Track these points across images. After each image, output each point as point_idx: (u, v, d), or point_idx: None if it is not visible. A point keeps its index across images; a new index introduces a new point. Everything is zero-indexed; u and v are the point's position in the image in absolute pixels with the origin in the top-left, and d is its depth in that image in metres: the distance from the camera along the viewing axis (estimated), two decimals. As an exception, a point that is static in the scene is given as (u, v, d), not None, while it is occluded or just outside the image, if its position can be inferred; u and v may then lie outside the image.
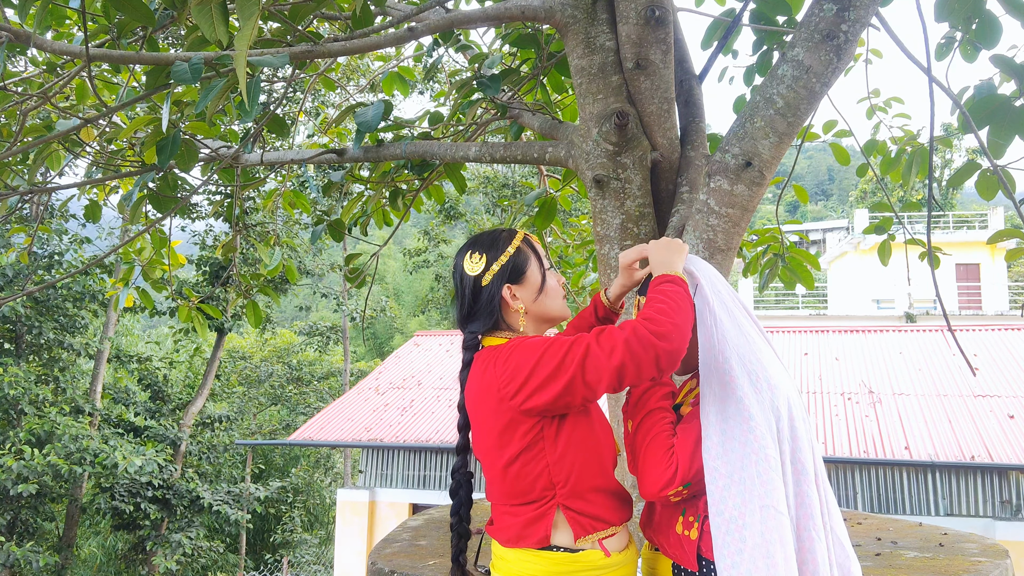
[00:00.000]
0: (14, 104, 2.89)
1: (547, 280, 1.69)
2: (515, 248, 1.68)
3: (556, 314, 1.71)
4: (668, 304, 1.50)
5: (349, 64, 13.01)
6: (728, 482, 1.50)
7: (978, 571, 2.71)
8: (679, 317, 1.48)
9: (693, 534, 1.59)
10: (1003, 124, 2.35)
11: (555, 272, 1.74)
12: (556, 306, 1.71)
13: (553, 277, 1.72)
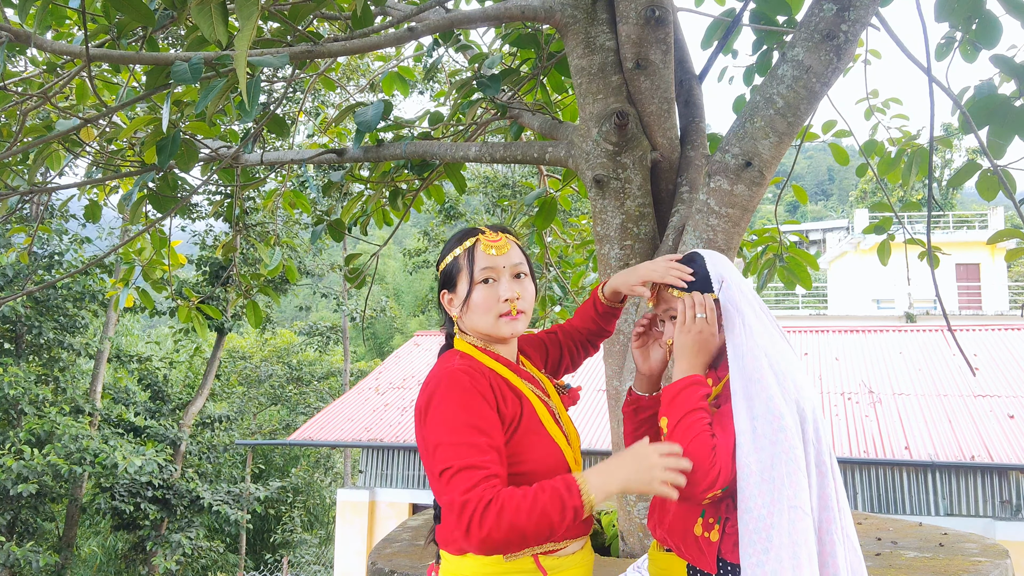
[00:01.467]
0: (14, 104, 2.89)
1: (473, 295, 1.59)
2: (453, 256, 1.64)
3: (483, 332, 1.61)
4: (546, 514, 1.35)
5: (349, 64, 13.01)
6: (759, 480, 1.48)
7: (978, 571, 2.71)
8: (539, 526, 1.35)
9: (714, 536, 1.57)
10: (1003, 124, 2.35)
11: (493, 289, 1.59)
12: (483, 324, 1.59)
13: (484, 294, 1.59)
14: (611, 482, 1.40)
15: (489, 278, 1.60)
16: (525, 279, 1.65)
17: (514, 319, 1.60)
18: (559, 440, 1.60)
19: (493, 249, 1.61)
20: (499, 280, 1.60)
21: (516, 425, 1.54)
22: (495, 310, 1.59)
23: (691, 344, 1.62)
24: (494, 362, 1.62)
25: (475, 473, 1.38)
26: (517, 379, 1.63)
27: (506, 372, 1.62)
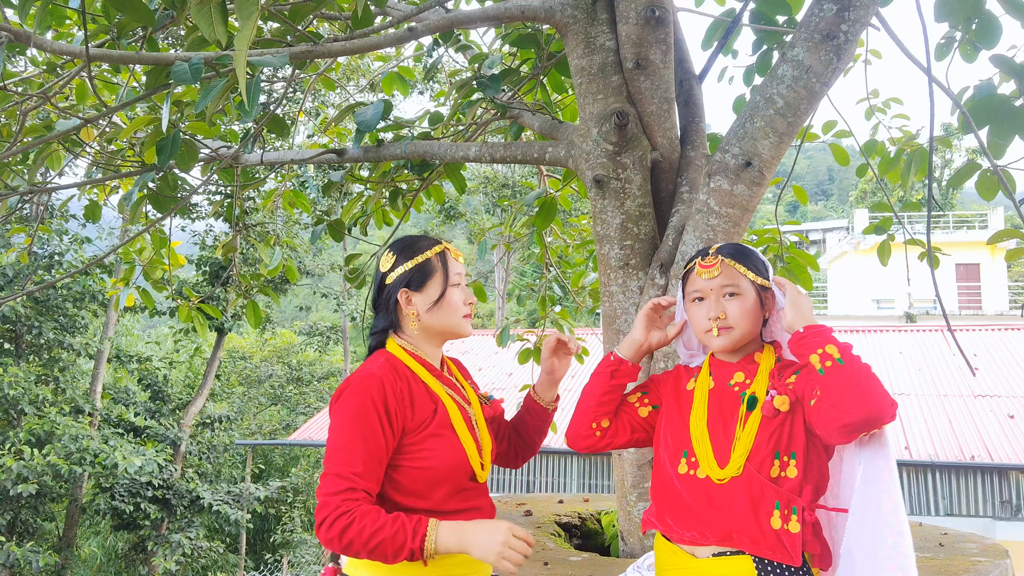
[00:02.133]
0: (14, 104, 2.89)
1: (447, 296, 1.76)
2: (425, 258, 1.76)
3: (448, 329, 1.78)
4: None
5: (349, 64, 13.00)
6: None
7: (978, 571, 2.71)
8: (379, 543, 1.51)
9: (794, 527, 1.55)
10: (1003, 124, 2.35)
11: (464, 291, 1.80)
12: (450, 322, 1.77)
13: (458, 295, 1.78)
14: (460, 541, 1.52)
15: (459, 283, 1.80)
16: None
17: (471, 320, 1.84)
18: (467, 444, 1.72)
19: (460, 259, 1.83)
20: (462, 286, 1.81)
21: (426, 425, 1.68)
22: (462, 310, 1.79)
23: (808, 306, 1.68)
24: (417, 365, 1.76)
25: (342, 482, 1.55)
26: (436, 383, 1.75)
27: (426, 376, 1.75)
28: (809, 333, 1.59)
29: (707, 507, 1.62)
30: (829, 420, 1.52)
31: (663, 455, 1.75)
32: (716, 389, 1.74)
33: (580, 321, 4.96)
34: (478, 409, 1.84)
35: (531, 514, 3.67)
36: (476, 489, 1.77)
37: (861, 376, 1.50)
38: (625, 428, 1.84)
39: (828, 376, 1.52)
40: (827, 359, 1.53)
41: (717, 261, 1.74)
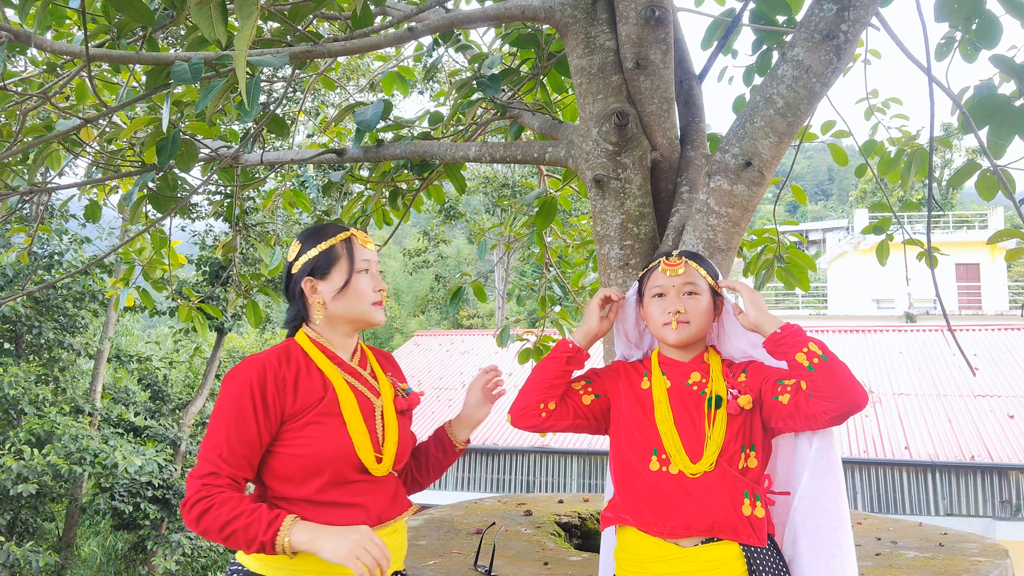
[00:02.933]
0: (14, 104, 2.89)
1: (352, 283, 1.74)
2: (329, 245, 1.75)
3: (357, 317, 1.75)
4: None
5: (349, 64, 13.00)
6: None
7: (978, 571, 2.71)
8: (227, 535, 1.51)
9: (760, 512, 1.73)
10: (1003, 124, 2.35)
11: (374, 279, 1.78)
12: (357, 309, 1.75)
13: (365, 281, 1.76)
14: (312, 540, 1.50)
15: (367, 269, 1.77)
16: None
17: (382, 307, 1.80)
18: (357, 434, 1.67)
19: (369, 245, 1.81)
20: (372, 272, 1.78)
21: (307, 412, 1.64)
22: (371, 298, 1.76)
23: (763, 304, 1.83)
24: (317, 352, 1.73)
25: (207, 466, 1.55)
26: (333, 370, 1.72)
27: (324, 363, 1.72)
28: (788, 333, 1.73)
29: (686, 500, 1.73)
30: (820, 412, 1.68)
31: (628, 453, 1.84)
32: (675, 388, 1.86)
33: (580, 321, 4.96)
34: (388, 401, 1.78)
35: (531, 514, 3.67)
36: (367, 484, 1.70)
37: (844, 370, 1.68)
38: (568, 413, 1.92)
39: (818, 372, 1.67)
40: (813, 356, 1.68)
41: (681, 261, 1.89)
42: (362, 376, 1.78)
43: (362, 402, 1.72)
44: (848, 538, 1.75)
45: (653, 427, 1.81)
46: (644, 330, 2.05)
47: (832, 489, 1.77)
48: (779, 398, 1.75)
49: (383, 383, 1.81)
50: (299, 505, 1.63)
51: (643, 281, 1.96)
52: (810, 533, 1.76)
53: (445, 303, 26.94)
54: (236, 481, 1.58)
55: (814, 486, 1.77)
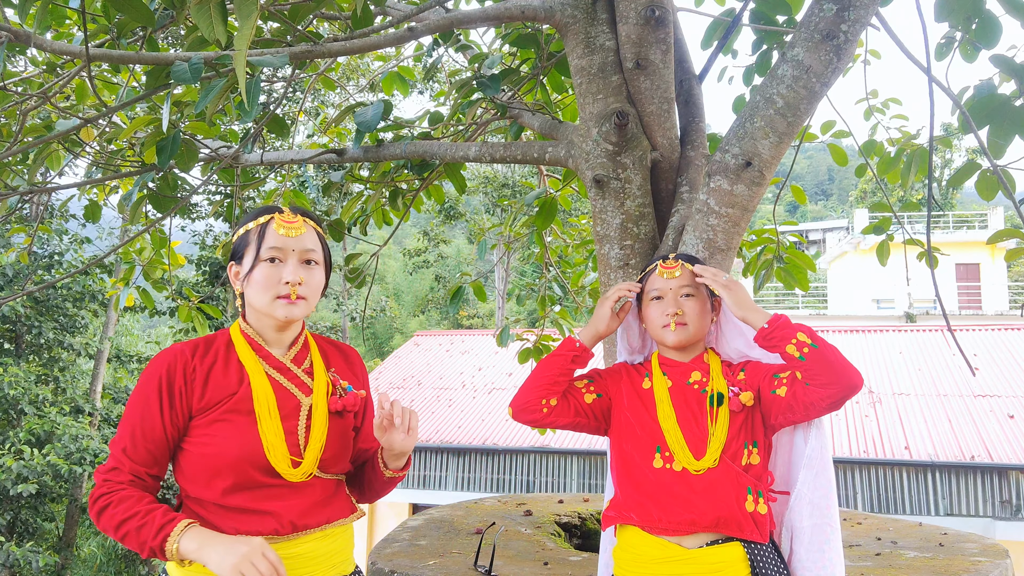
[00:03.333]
0: (14, 104, 2.89)
1: (254, 272, 1.60)
2: (245, 230, 1.66)
3: (257, 308, 1.62)
4: None
5: (349, 64, 13.00)
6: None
7: (978, 571, 2.71)
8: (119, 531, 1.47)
9: (762, 508, 1.75)
10: (1003, 124, 2.35)
11: (285, 269, 1.60)
12: (258, 301, 1.60)
13: (266, 271, 1.59)
14: (200, 549, 1.41)
15: (275, 258, 1.60)
16: (315, 267, 1.65)
17: (292, 303, 1.59)
18: (269, 435, 1.54)
19: (284, 229, 1.61)
20: (285, 262, 1.61)
21: (215, 407, 1.55)
22: (274, 290, 1.59)
23: (747, 295, 1.83)
24: (243, 344, 1.62)
25: (111, 461, 1.52)
26: (255, 364, 1.60)
27: (246, 356, 1.61)
28: (775, 327, 1.75)
29: (691, 496, 1.75)
30: (818, 399, 1.70)
31: (630, 451, 1.86)
32: (676, 387, 1.88)
33: (580, 321, 4.96)
34: (321, 400, 1.63)
35: (531, 514, 3.67)
36: (281, 489, 1.55)
37: (835, 353, 1.70)
38: (569, 410, 1.93)
39: (809, 361, 1.69)
40: (803, 346, 1.70)
41: (678, 264, 1.93)
42: (291, 372, 1.64)
43: (284, 400, 1.59)
44: (837, 534, 1.79)
45: (656, 425, 1.83)
46: (646, 335, 2.07)
47: (825, 488, 1.80)
48: (777, 391, 1.77)
49: (319, 381, 1.66)
50: (210, 509, 1.53)
51: (643, 285, 2.00)
52: (807, 531, 1.78)
53: (445, 303, 26.95)
54: (139, 478, 1.50)
55: (809, 484, 1.80)
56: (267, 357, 1.64)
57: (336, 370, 1.73)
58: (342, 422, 1.68)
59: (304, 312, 1.63)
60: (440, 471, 13.49)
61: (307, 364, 1.68)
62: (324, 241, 1.73)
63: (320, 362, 1.70)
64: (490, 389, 14.77)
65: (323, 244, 1.72)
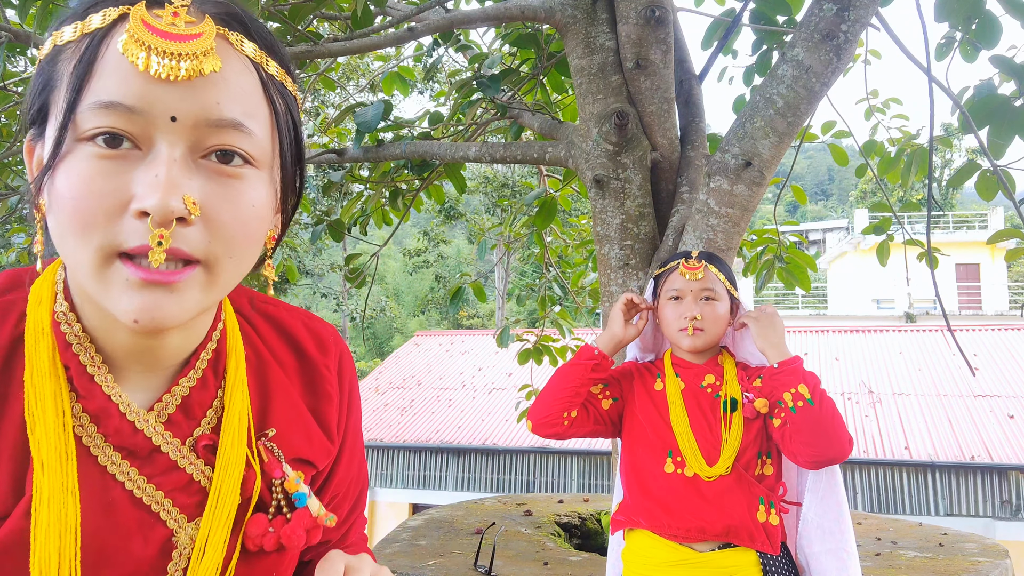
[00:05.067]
0: (14, 104, 2.89)
1: (63, 170, 0.60)
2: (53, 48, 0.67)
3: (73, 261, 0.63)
4: None
5: (349, 64, 13.00)
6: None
7: (978, 571, 2.71)
8: None
9: (774, 520, 1.70)
10: (1003, 124, 2.35)
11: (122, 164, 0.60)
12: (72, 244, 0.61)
13: (89, 167, 0.60)
14: None
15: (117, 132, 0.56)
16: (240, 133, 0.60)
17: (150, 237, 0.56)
18: None
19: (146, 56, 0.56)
20: (154, 142, 0.57)
21: None
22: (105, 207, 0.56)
23: (778, 331, 1.75)
24: (46, 366, 0.62)
25: None
26: (54, 437, 0.60)
27: (44, 400, 0.61)
28: (783, 370, 1.69)
29: (702, 503, 1.70)
30: (798, 453, 1.66)
31: (641, 455, 1.80)
32: (689, 390, 1.81)
33: (580, 321, 4.96)
34: (219, 533, 0.66)
35: (531, 514, 3.67)
36: None
37: (829, 419, 1.62)
38: (589, 419, 1.87)
39: (800, 416, 1.63)
40: (799, 399, 1.64)
41: (701, 265, 1.82)
42: (156, 458, 0.66)
43: (121, 540, 0.63)
44: (853, 558, 1.72)
45: (668, 429, 1.77)
46: (658, 333, 2.00)
47: (835, 511, 1.74)
48: (774, 419, 1.72)
49: (228, 473, 0.67)
50: None
51: (659, 281, 1.91)
52: (820, 558, 1.72)
53: (445, 303, 26.95)
54: None
55: (815, 509, 1.75)
56: (100, 412, 0.64)
57: (284, 423, 0.74)
58: (260, 566, 0.70)
59: (218, 288, 0.62)
60: (440, 471, 13.49)
61: (210, 421, 0.69)
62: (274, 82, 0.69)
63: (240, 413, 0.69)
64: (490, 389, 14.77)
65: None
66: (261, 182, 0.63)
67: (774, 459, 1.76)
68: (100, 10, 0.58)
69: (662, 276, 1.90)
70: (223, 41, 0.60)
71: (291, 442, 0.73)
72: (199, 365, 0.69)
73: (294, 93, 0.68)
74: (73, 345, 0.64)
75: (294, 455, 0.73)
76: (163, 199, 0.55)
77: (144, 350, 0.65)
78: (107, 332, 0.64)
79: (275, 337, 0.78)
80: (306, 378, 0.78)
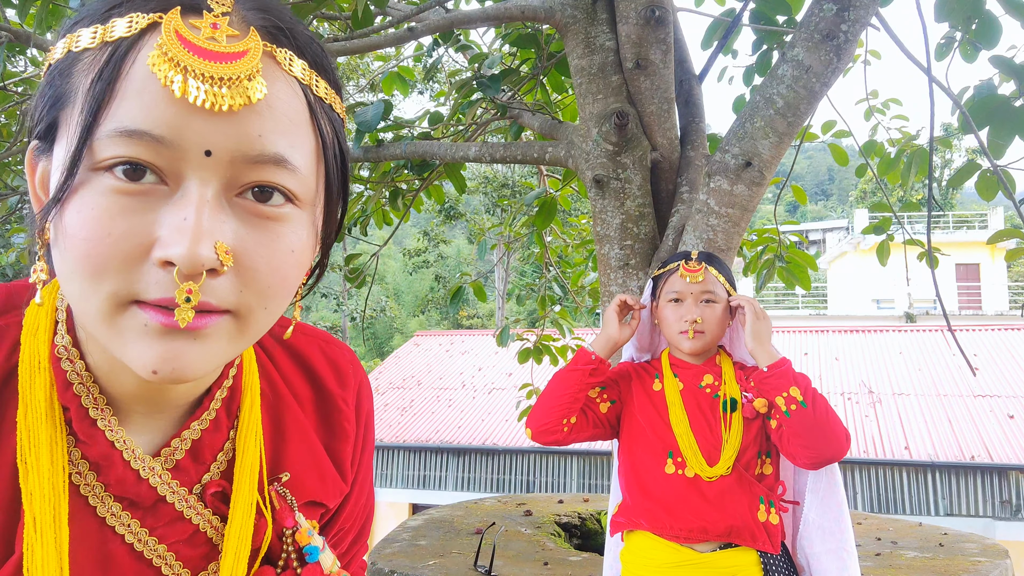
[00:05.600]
0: (14, 104, 2.89)
1: (74, 208, 0.55)
2: (66, 53, 0.63)
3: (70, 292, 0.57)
4: None
5: (349, 64, 13.00)
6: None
7: (978, 571, 2.71)
8: None
9: (774, 519, 1.71)
10: (1003, 124, 2.35)
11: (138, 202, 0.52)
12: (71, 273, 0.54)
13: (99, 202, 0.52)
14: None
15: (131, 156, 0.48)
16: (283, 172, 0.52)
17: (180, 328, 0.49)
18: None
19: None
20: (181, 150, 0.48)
21: None
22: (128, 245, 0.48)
23: (769, 331, 1.75)
24: (42, 407, 0.55)
25: None
26: (53, 487, 0.53)
27: (40, 447, 0.54)
28: (773, 374, 1.69)
29: (703, 504, 1.69)
30: (797, 455, 1.67)
31: (641, 455, 1.79)
32: (688, 391, 1.80)
33: (580, 321, 4.97)
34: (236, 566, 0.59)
35: (531, 514, 3.67)
36: None
37: (823, 419, 1.63)
38: (588, 425, 1.85)
39: (794, 419, 1.64)
40: (791, 402, 1.64)
41: (701, 267, 1.80)
42: (161, 509, 0.59)
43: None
44: (853, 558, 1.72)
45: (668, 430, 1.77)
46: (655, 334, 1.99)
47: (835, 511, 1.74)
48: (771, 420, 1.72)
49: (238, 523, 0.61)
50: None
51: (658, 282, 1.90)
52: (821, 558, 1.73)
53: (445, 303, 26.96)
54: None
55: (816, 510, 1.75)
56: (102, 459, 0.57)
57: (298, 465, 0.68)
58: None
59: (253, 330, 0.55)
60: (440, 471, 13.49)
61: (219, 465, 0.63)
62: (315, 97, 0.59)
63: (252, 460, 0.64)
64: (490, 389, 14.77)
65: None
66: (302, 223, 0.54)
67: (773, 458, 1.77)
68: (126, 14, 0.49)
69: (661, 277, 1.88)
70: (270, 60, 0.51)
71: (304, 485, 0.67)
72: (212, 406, 0.62)
73: (342, 115, 0.58)
74: (75, 385, 0.56)
75: (307, 498, 0.67)
76: (192, 248, 0.47)
77: (154, 393, 0.58)
78: (112, 373, 0.57)
79: (292, 367, 0.72)
80: (322, 413, 0.72)
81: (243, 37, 0.50)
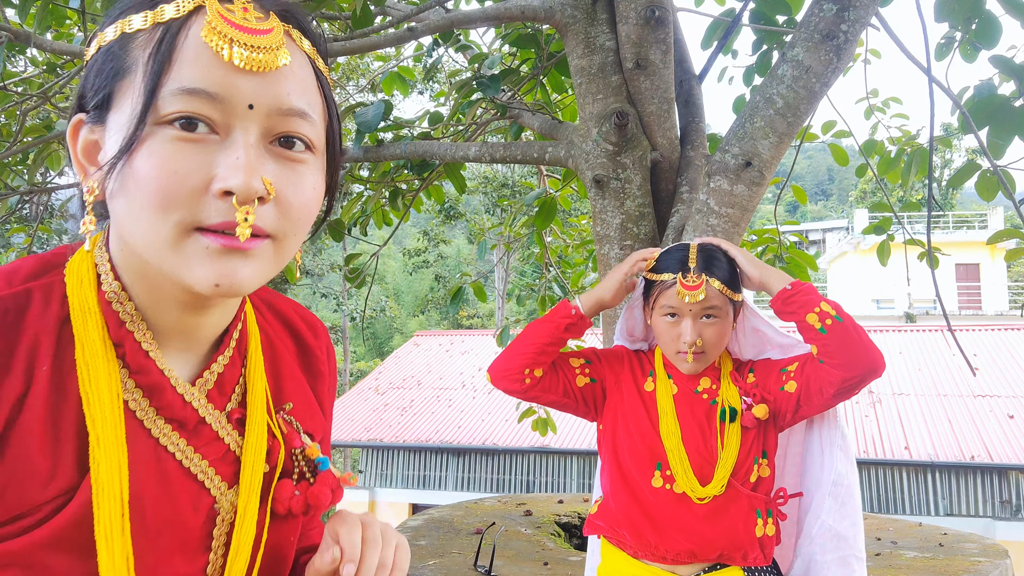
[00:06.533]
0: (14, 104, 2.89)
1: (142, 152, 0.67)
2: (120, 34, 0.80)
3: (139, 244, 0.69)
4: None
5: (349, 64, 13.00)
6: None
7: (978, 571, 2.71)
8: None
9: (771, 530, 1.61)
10: (1003, 124, 2.35)
11: (201, 148, 0.64)
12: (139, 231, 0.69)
13: (169, 151, 0.65)
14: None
15: (197, 118, 0.61)
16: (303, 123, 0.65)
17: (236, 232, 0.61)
18: (107, 561, 0.62)
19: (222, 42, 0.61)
20: (234, 126, 0.62)
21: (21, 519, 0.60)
22: (192, 187, 0.60)
23: (761, 263, 1.66)
24: (97, 343, 0.64)
25: None
26: (112, 409, 0.63)
27: (99, 376, 0.63)
28: (799, 290, 1.56)
29: (693, 523, 1.58)
30: (834, 379, 1.51)
31: (627, 463, 1.65)
32: (682, 395, 1.66)
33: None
34: (253, 499, 0.71)
35: (531, 514, 3.67)
36: None
37: (860, 331, 1.52)
38: (558, 387, 1.71)
39: (831, 335, 1.50)
40: (826, 317, 1.51)
41: (701, 282, 1.59)
42: (200, 429, 0.70)
43: (175, 507, 0.67)
44: (862, 565, 1.62)
45: (657, 439, 1.62)
46: (649, 329, 1.81)
47: (852, 516, 1.62)
48: (785, 387, 1.59)
49: (256, 442, 0.73)
50: None
51: (652, 289, 1.68)
52: (830, 565, 1.61)
53: (445, 303, 26.96)
54: None
55: (836, 515, 1.62)
56: (154, 386, 0.67)
57: (295, 399, 0.80)
58: (285, 528, 0.76)
59: (268, 270, 0.66)
60: (440, 471, 13.49)
61: (237, 396, 0.74)
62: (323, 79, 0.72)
63: (261, 390, 0.75)
64: (490, 389, 14.77)
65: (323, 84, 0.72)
66: (317, 167, 0.69)
67: (770, 457, 1.65)
68: (171, 0, 0.62)
69: (655, 286, 1.67)
70: (287, 36, 0.65)
71: (302, 417, 0.80)
72: (231, 344, 0.75)
73: (331, 87, 0.73)
74: (127, 323, 0.67)
75: (305, 429, 0.80)
76: (246, 180, 0.60)
77: (191, 327, 0.70)
78: (157, 310, 0.68)
79: (277, 323, 0.85)
80: (303, 360, 0.85)
81: (266, 19, 0.64)
